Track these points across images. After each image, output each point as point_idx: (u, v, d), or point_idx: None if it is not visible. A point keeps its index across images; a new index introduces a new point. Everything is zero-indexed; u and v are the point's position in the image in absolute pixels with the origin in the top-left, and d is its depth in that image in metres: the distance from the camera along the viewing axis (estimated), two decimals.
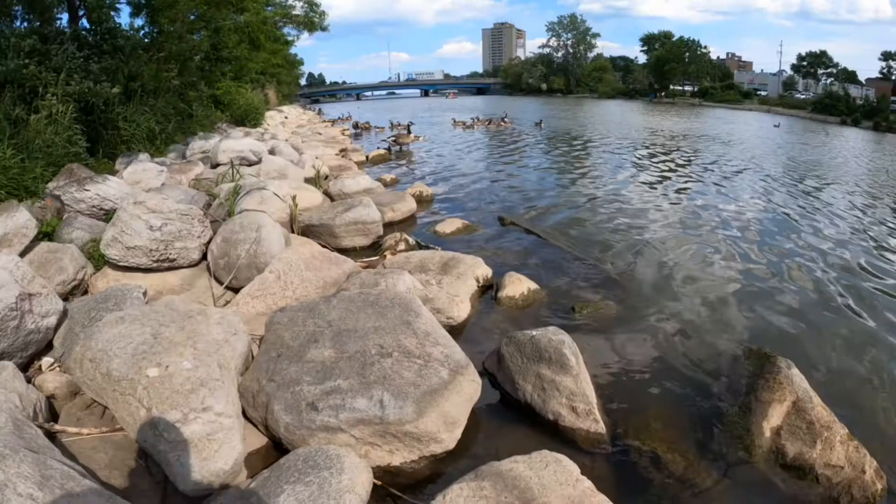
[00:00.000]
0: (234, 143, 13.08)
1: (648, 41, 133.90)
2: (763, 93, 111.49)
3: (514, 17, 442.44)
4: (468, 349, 4.95)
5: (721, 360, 5.45)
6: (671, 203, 12.77)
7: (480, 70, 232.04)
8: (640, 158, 20.55)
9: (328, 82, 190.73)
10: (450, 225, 9.46)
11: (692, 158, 20.72)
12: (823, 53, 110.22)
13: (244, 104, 28.15)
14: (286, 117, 44.99)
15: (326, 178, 13.64)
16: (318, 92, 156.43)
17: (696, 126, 41.06)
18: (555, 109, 66.03)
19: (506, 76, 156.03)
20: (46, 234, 7.31)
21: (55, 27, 17.58)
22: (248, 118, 27.73)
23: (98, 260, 6.71)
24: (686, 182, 15.51)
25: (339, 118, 49.47)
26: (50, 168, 9.81)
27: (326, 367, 4.08)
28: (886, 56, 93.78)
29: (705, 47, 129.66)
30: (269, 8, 45.78)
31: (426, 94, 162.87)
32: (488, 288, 6.86)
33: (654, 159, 20.27)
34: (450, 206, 11.90)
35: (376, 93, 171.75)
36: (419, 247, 8.31)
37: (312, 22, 49.30)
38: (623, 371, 5.25)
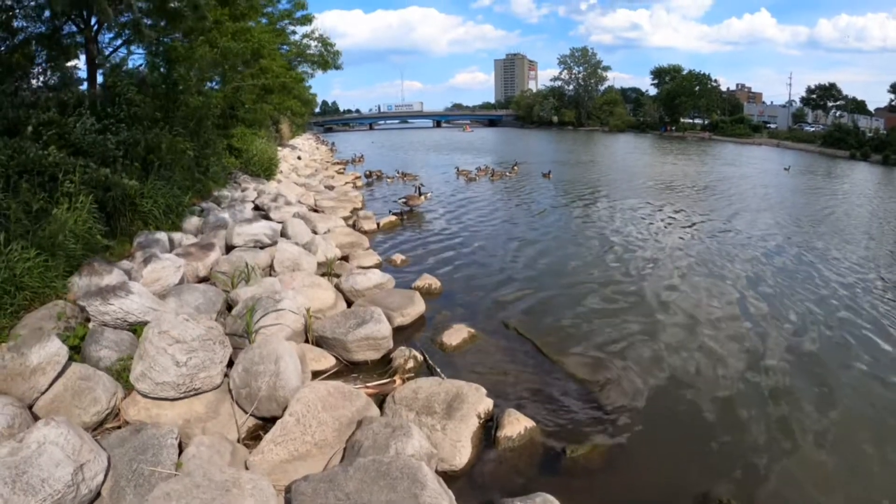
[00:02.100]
0: (248, 227, 13.63)
1: (659, 74, 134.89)
2: (772, 125, 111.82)
3: (526, 48, 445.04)
4: (467, 500, 5.44)
5: None
6: (679, 298, 12.71)
7: (492, 100, 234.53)
8: (646, 226, 20.81)
9: (342, 110, 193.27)
10: (456, 335, 9.86)
11: (703, 227, 20.77)
12: (833, 86, 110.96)
13: (257, 154, 28.75)
14: (299, 157, 45.80)
15: (340, 258, 14.27)
16: (330, 120, 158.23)
17: (705, 174, 41.24)
18: (564, 150, 66.39)
19: (517, 108, 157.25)
20: (74, 347, 7.83)
21: (75, 91, 18.26)
22: (262, 170, 28.32)
23: (127, 381, 7.19)
24: (696, 265, 15.42)
25: (352, 159, 50.58)
26: (72, 260, 10.08)
27: None
28: (895, 88, 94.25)
29: (715, 80, 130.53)
30: (285, 48, 46.90)
31: (438, 124, 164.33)
32: (489, 421, 7.30)
33: (662, 229, 20.48)
34: (456, 302, 12.21)
35: (389, 122, 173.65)
36: (427, 366, 8.85)
37: (326, 61, 50.39)
38: None
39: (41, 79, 20.01)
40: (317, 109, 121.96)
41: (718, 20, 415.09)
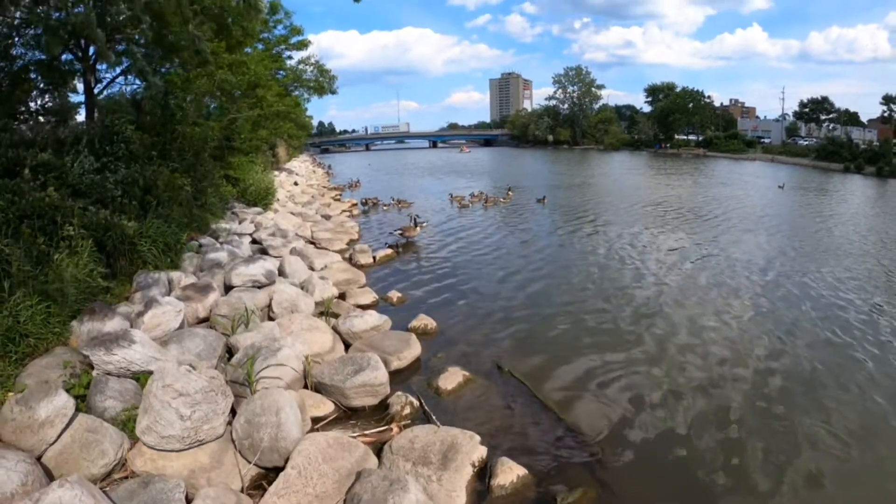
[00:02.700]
0: (245, 268, 13.86)
1: (653, 92, 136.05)
2: (766, 140, 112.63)
3: (520, 67, 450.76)
4: None
5: None
6: (674, 337, 12.74)
7: (488, 119, 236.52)
8: (640, 256, 20.91)
9: (338, 130, 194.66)
10: (451, 379, 10.10)
11: (699, 256, 20.81)
12: (825, 99, 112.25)
13: (255, 184, 29.01)
14: (295, 182, 46.07)
15: (337, 296, 14.56)
16: (327, 141, 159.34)
17: (699, 195, 41.62)
18: (559, 172, 66.99)
19: (513, 127, 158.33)
20: (79, 396, 8.04)
21: (72, 127, 18.46)
22: (259, 200, 28.54)
23: (132, 431, 7.43)
24: (690, 299, 15.47)
25: (348, 184, 51.31)
26: (74, 304, 10.27)
27: None
28: (887, 99, 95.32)
29: (708, 97, 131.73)
30: (281, 73, 47.42)
31: (434, 144, 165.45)
32: (483, 469, 7.55)
33: (656, 259, 20.51)
34: (451, 343, 12.38)
35: (385, 142, 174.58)
36: (423, 412, 9.10)
37: (322, 87, 50.91)
38: None
39: (39, 102, 20.29)
40: (313, 130, 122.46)
41: (710, 36, 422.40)
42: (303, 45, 47.66)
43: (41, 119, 20.63)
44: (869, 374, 10.84)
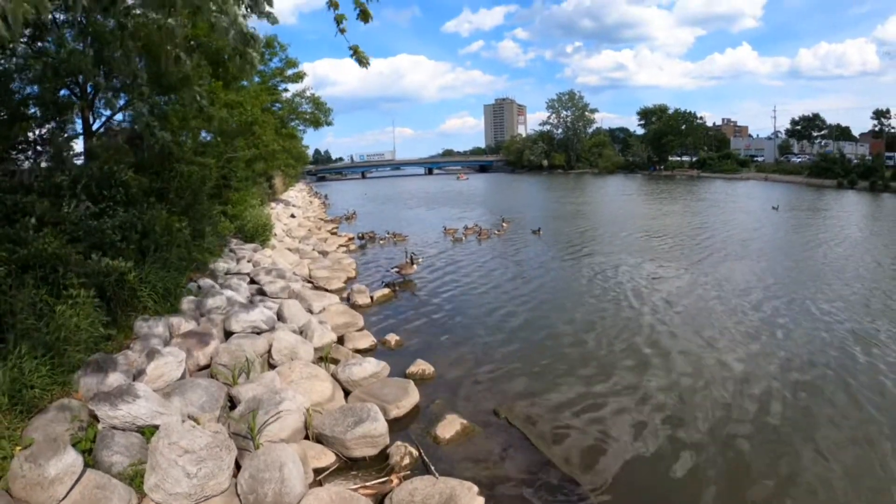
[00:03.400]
0: (245, 314, 14.13)
1: (645, 115, 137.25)
2: (760, 158, 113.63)
3: (514, 92, 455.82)
4: None
5: None
6: (672, 376, 12.80)
7: (483, 144, 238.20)
8: (635, 289, 21.00)
9: (333, 158, 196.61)
10: (449, 427, 10.26)
11: (694, 288, 20.92)
12: (816, 116, 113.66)
13: (252, 220, 29.24)
14: (292, 215, 46.35)
15: (336, 341, 14.84)
16: (324, 169, 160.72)
17: (692, 220, 42.21)
18: (555, 199, 67.54)
19: (508, 153, 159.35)
20: (86, 450, 8.24)
21: (70, 166, 18.56)
22: (256, 236, 28.73)
23: (139, 486, 7.66)
24: (688, 335, 15.48)
25: (345, 216, 52.16)
26: (77, 354, 10.35)
27: None
28: (878, 114, 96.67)
29: (701, 117, 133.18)
30: (278, 106, 48.00)
31: (430, 171, 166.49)
32: None
33: (651, 292, 20.51)
34: (449, 388, 12.49)
35: (380, 169, 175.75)
36: (422, 462, 9.30)
37: (318, 119, 51.56)
38: None
39: (37, 132, 20.42)
40: (309, 160, 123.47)
41: (701, 56, 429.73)
42: (298, 77, 48.42)
43: (38, 149, 20.78)
44: (842, 403, 11.23)
